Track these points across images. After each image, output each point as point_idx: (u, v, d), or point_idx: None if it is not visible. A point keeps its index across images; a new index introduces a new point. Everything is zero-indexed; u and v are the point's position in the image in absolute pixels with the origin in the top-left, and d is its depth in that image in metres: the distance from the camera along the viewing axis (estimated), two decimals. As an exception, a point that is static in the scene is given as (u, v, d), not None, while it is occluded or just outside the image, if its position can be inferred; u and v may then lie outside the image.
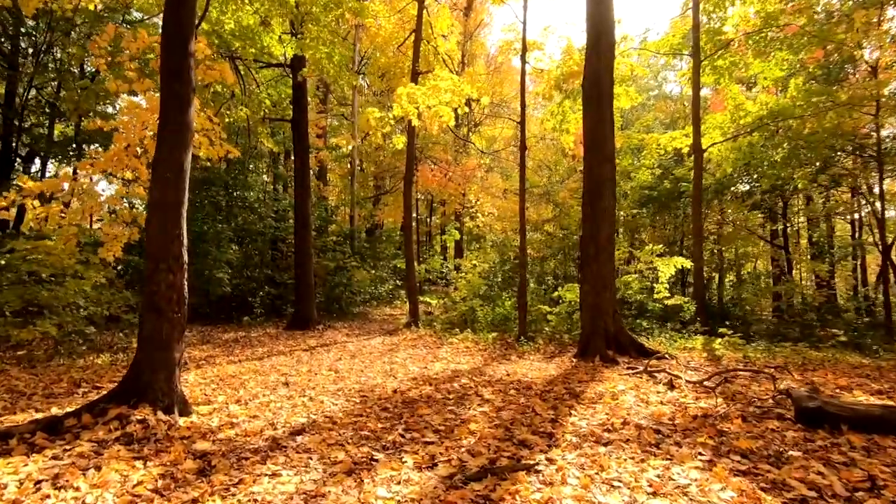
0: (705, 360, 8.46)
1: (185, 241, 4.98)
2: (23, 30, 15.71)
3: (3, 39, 15.26)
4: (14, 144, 16.05)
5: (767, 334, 11.94)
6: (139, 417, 4.29)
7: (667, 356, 8.56)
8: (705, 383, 6.14)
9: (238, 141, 16.64)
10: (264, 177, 20.56)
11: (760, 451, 3.91)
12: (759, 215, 18.59)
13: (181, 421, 4.59)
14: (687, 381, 6.19)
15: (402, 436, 4.41)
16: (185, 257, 4.95)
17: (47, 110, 16.54)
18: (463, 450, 4.02)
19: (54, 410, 4.98)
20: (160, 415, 4.46)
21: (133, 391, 4.57)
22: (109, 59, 7.72)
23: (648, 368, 7.04)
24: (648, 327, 11.44)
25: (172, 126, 4.91)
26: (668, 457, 3.80)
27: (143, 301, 4.75)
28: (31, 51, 16.00)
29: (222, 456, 3.83)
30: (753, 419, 4.75)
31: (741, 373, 6.71)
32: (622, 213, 18.12)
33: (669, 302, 12.01)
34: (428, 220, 32.60)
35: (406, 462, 3.74)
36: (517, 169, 26.08)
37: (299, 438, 4.28)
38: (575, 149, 20.02)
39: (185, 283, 4.95)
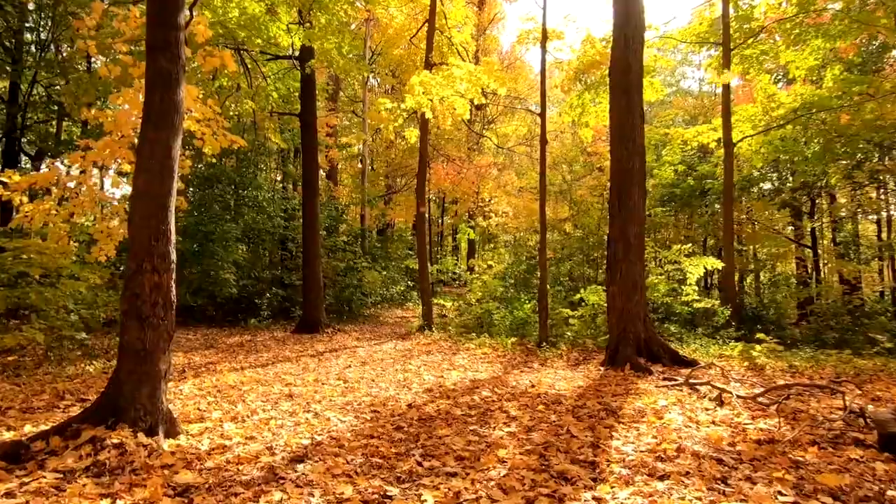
0: (746, 369, 7.76)
1: (174, 238, 4.39)
2: (27, 24, 15.38)
3: (5, 34, 14.90)
4: (18, 142, 15.71)
5: (803, 340, 11.19)
6: (115, 441, 3.70)
7: (703, 365, 7.88)
8: (759, 399, 5.44)
9: (244, 136, 16.13)
10: (273, 175, 20.07)
11: (852, 490, 3.23)
12: (786, 214, 17.80)
13: (166, 444, 3.99)
14: (738, 397, 5.50)
15: (420, 463, 3.79)
16: (173, 256, 4.36)
17: (55, 108, 16.18)
18: (492, 484, 3.38)
19: (27, 429, 4.42)
20: (141, 437, 3.86)
21: (111, 409, 3.99)
22: (103, 41, 7.18)
23: (689, 380, 6.35)
24: (676, 332, 10.73)
25: (159, 106, 4.33)
26: (742, 498, 3.13)
27: (124, 306, 4.17)
28: (33, 48, 15.67)
29: (207, 491, 3.22)
30: (829, 446, 4.07)
31: (797, 386, 6.00)
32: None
33: (698, 305, 11.29)
34: (440, 220, 32.00)
35: (426, 501, 3.11)
36: (533, 166, 25.40)
37: (300, 467, 3.66)
38: (592, 144, 19.34)
39: (173, 285, 4.36)
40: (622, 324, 8.33)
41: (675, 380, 6.85)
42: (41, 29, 15.79)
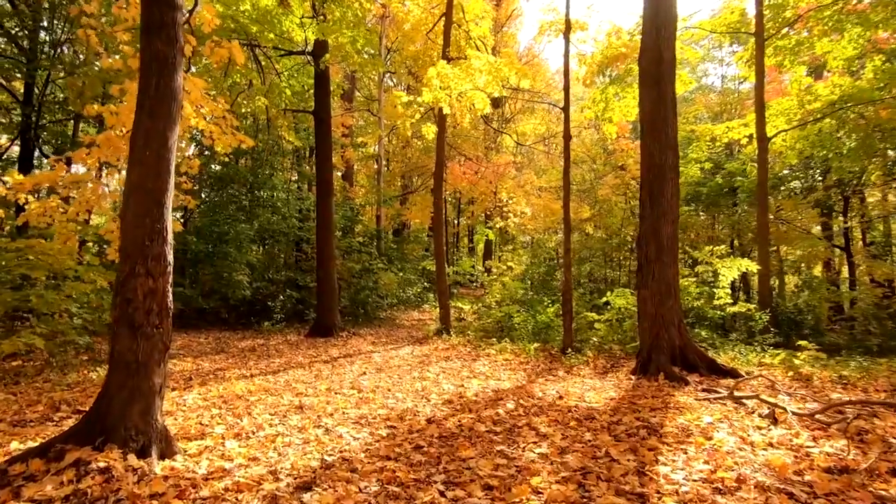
0: (791, 379, 7.17)
1: (171, 238, 4.00)
2: (42, 24, 15.27)
3: (20, 33, 14.81)
4: (33, 142, 15.60)
5: (844, 346, 10.51)
6: (101, 465, 3.30)
7: (744, 375, 7.30)
8: (817, 416, 4.88)
9: (258, 136, 15.86)
10: (288, 175, 19.79)
11: (961, 536, 2.70)
12: (815, 214, 17.01)
13: (158, 467, 3.59)
14: (793, 414, 4.94)
15: (443, 493, 3.33)
16: (170, 258, 3.96)
17: (70, 108, 16.06)
18: (527, 522, 2.91)
19: (13, 446, 4.06)
20: (131, 460, 3.46)
21: (99, 428, 3.60)
22: (104, 30, 6.85)
23: (734, 393, 5.80)
24: (707, 338, 10.13)
25: (155, 93, 3.94)
26: (829, 545, 2.62)
27: (115, 313, 3.78)
28: (47, 47, 15.54)
29: (200, 528, 2.80)
30: (914, 476, 3.53)
31: (859, 403, 5.42)
32: None
33: (732, 309, 10.67)
34: (456, 221, 31.56)
35: (451, 545, 2.66)
36: (552, 165, 24.84)
37: (306, 497, 3.22)
38: (615, 142, 18.73)
39: (170, 290, 3.96)
40: (655, 330, 7.79)
41: (716, 391, 6.31)
42: (56, 28, 15.67)
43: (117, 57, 6.58)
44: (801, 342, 8.53)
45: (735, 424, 4.84)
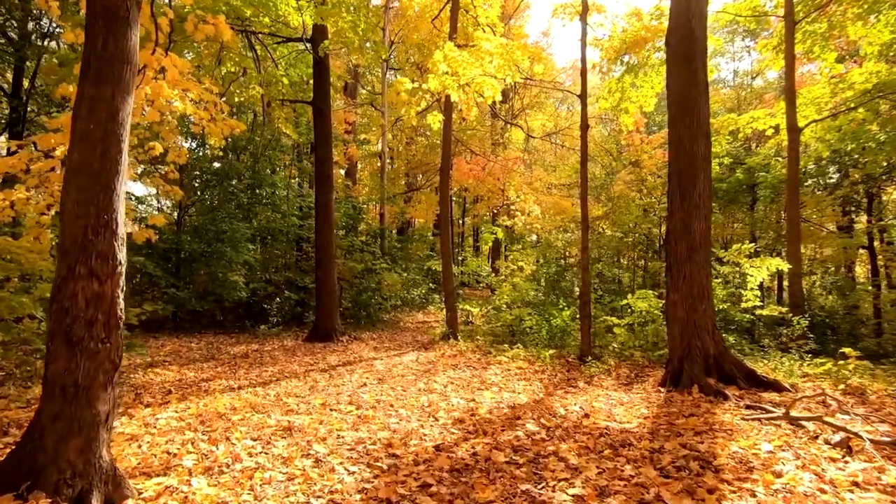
0: (842, 393, 6.39)
1: (122, 232, 3.26)
2: (31, 13, 14.62)
3: (8, 23, 14.17)
4: (21, 136, 14.95)
5: (886, 353, 9.71)
6: (20, 522, 2.57)
7: (788, 388, 6.54)
8: (900, 445, 4.11)
9: (255, 130, 15.16)
10: (288, 171, 19.08)
11: None
12: (839, 210, 16.17)
13: (99, 520, 2.86)
14: (871, 442, 4.17)
15: (458, 558, 2.58)
16: (121, 256, 3.23)
17: (61, 100, 15.39)
18: None
19: (-67, 485, 3.32)
20: (64, 511, 2.74)
21: (27, 468, 2.87)
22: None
23: (790, 412, 5.02)
24: (736, 344, 9.34)
25: (101, 54, 3.20)
26: None
27: (50, 324, 3.05)
28: (35, 37, 14.89)
29: None
30: None
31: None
32: None
33: (762, 312, 9.89)
34: (461, 220, 30.80)
35: None
36: (562, 160, 24.04)
37: (282, 566, 2.48)
38: (627, 136, 17.94)
39: (121, 295, 3.23)
40: (686, 337, 7.02)
41: (762, 408, 5.54)
42: (45, 17, 15.02)
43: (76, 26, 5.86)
44: (844, 349, 7.73)
45: (801, 455, 4.07)
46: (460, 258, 26.57)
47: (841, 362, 7.46)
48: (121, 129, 3.23)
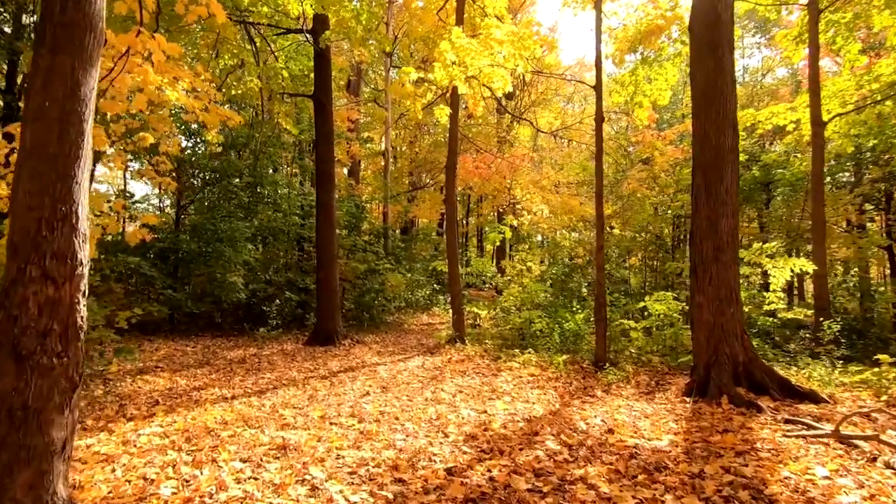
0: (886, 405, 5.88)
1: (85, 227, 2.80)
2: (26, 7, 14.23)
3: (3, 16, 13.79)
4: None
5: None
6: (-54, 580, 2.10)
7: (826, 398, 6.04)
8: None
9: (251, 124, 14.71)
10: (291, 168, 18.62)
11: None
12: (854, 209, 15.61)
13: (48, 572, 2.39)
14: (943, 467, 3.68)
15: None
16: (83, 255, 2.76)
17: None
18: None
19: None
20: (4, 563, 2.27)
21: (-36, 509, 2.41)
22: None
23: (839, 429, 4.53)
24: (759, 349, 8.81)
25: (60, 18, 2.74)
26: None
27: (-6, 336, 2.58)
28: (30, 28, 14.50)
29: None
30: None
31: None
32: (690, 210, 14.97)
33: (786, 315, 9.40)
34: (465, 220, 30.34)
35: None
36: (571, 158, 23.50)
37: None
38: (639, 134, 17.44)
39: (82, 301, 2.76)
40: (713, 343, 6.53)
41: (802, 422, 5.05)
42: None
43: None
44: (879, 356, 7.22)
45: (864, 482, 3.58)
46: (464, 259, 26.12)
47: (875, 370, 6.98)
48: (82, 106, 2.76)
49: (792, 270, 9.70)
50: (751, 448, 4.36)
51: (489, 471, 3.87)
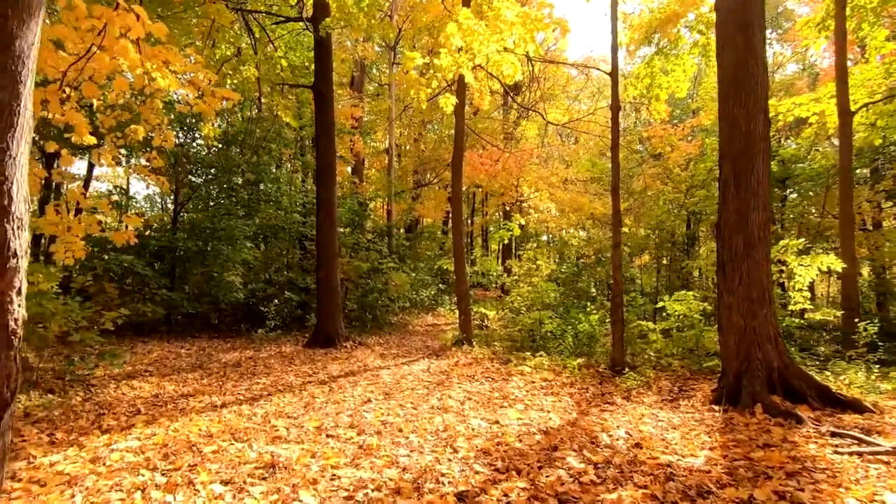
0: (938, 415, 5.34)
1: (25, 213, 2.32)
2: None
3: None
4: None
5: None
6: None
7: (871, 408, 5.50)
8: None
9: (250, 120, 14.27)
10: (295, 164, 18.15)
11: None
12: (867, 206, 15.03)
13: None
14: None
15: None
16: (18, 245, 2.28)
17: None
18: None
19: None
20: None
21: None
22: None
23: (901, 446, 4.01)
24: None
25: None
26: None
27: None
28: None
29: None
30: None
31: None
32: (706, 207, 14.38)
33: (814, 316, 8.85)
34: (469, 220, 29.87)
35: None
36: (577, 156, 22.96)
37: None
38: (651, 129, 16.89)
39: (17, 299, 2.28)
40: (745, 347, 6.00)
41: (850, 436, 4.54)
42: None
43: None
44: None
45: (948, 512, 3.05)
46: (470, 258, 25.61)
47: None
48: (18, 64, 2.28)
49: (819, 269, 9.17)
50: (802, 468, 3.84)
51: (506, 495, 3.37)
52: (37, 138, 8.64)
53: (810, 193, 13.31)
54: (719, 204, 6.59)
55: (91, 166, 17.24)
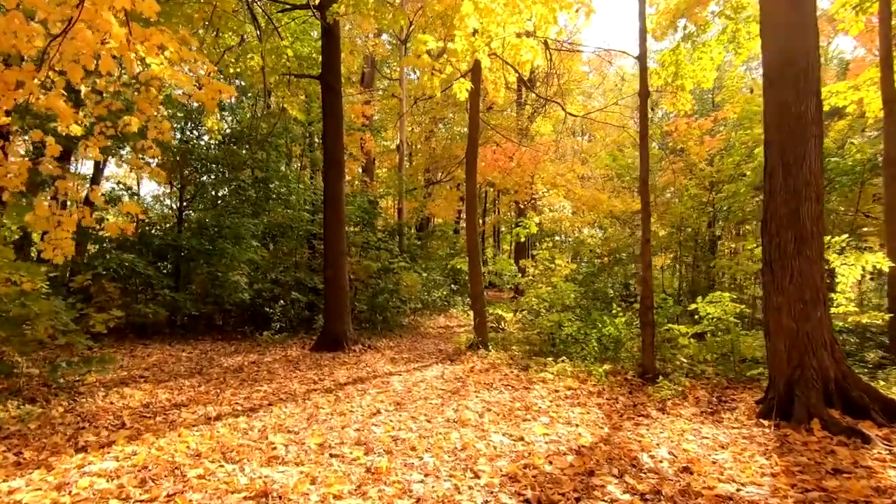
0: None
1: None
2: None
3: None
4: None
5: None
6: None
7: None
8: None
9: (256, 113, 13.81)
10: (304, 161, 17.68)
11: None
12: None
13: None
14: None
15: None
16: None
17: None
18: None
19: None
20: None
21: None
22: None
23: None
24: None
25: None
26: None
27: None
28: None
29: None
30: None
31: None
32: (733, 203, 13.57)
33: (858, 319, 8.17)
34: (482, 219, 29.31)
35: None
36: (592, 153, 22.30)
37: None
38: (671, 122, 16.20)
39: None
40: (797, 354, 5.37)
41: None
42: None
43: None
44: None
45: None
46: (483, 258, 25.02)
47: None
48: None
49: (863, 268, 8.49)
50: (892, 502, 3.23)
51: (541, 538, 2.79)
52: (23, 127, 8.21)
53: (845, 190, 12.54)
54: (765, 195, 5.97)
55: (98, 164, 16.90)
